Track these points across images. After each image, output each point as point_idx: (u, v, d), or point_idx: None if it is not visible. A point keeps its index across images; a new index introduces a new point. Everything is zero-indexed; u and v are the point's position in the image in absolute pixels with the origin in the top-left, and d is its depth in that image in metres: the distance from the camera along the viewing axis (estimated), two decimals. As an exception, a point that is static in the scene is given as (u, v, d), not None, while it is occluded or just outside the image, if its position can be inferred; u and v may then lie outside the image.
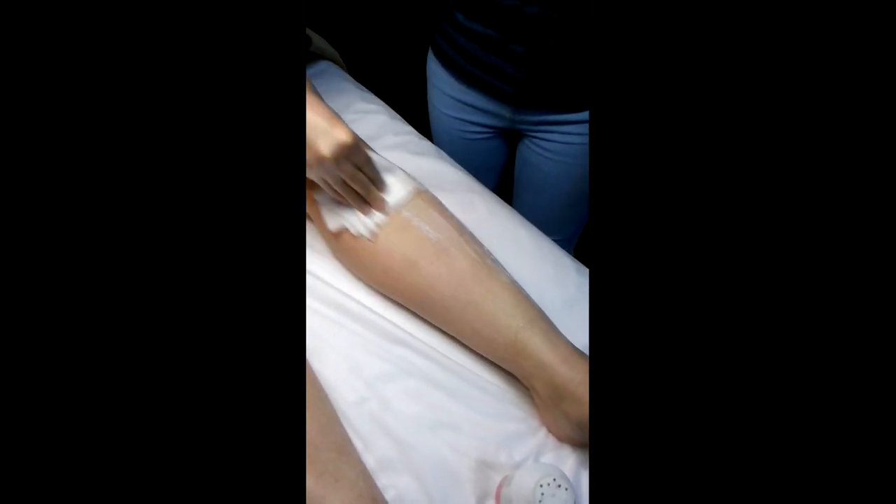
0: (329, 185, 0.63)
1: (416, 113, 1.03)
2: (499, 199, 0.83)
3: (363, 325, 0.69)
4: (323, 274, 0.72)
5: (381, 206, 0.66)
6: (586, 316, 0.71)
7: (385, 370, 0.66)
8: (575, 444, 0.63)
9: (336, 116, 0.61)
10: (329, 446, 0.57)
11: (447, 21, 0.85)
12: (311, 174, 0.62)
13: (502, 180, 1.11)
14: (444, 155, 0.88)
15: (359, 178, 0.64)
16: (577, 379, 0.58)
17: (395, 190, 0.67)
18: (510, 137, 1.00)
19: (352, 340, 0.68)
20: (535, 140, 0.93)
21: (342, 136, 0.60)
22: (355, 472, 0.57)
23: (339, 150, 0.60)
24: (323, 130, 0.59)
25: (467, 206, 0.78)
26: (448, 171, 0.84)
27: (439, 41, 0.90)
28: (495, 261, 0.67)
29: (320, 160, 0.59)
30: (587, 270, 0.76)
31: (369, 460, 0.60)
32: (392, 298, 0.70)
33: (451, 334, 0.68)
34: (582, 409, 0.58)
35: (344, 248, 0.70)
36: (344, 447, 0.59)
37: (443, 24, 0.87)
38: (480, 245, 0.68)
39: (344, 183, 0.63)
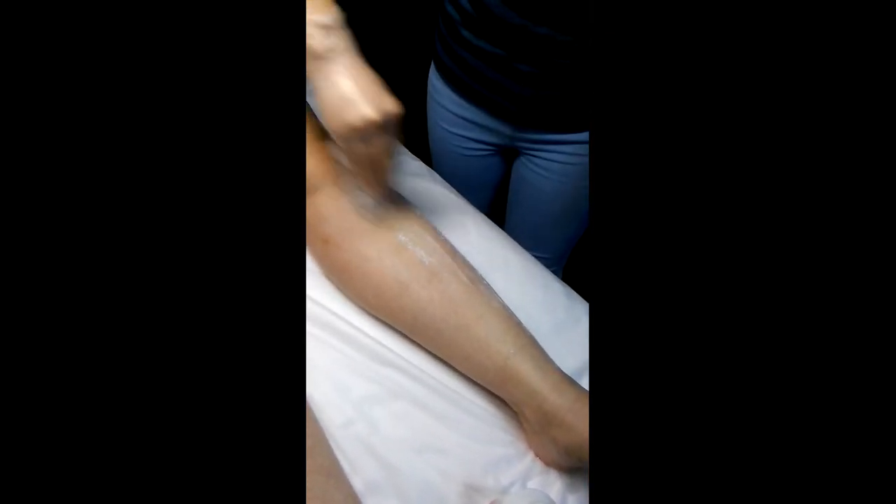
0: (355, 155, 0.58)
1: (410, 129, 1.03)
2: (490, 222, 0.84)
3: (352, 345, 0.69)
4: (312, 293, 0.72)
5: (388, 192, 0.62)
6: (575, 340, 0.72)
7: (373, 392, 0.66)
8: (562, 469, 0.63)
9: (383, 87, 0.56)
10: (317, 469, 0.57)
11: (453, 37, 0.85)
12: (342, 138, 0.56)
13: (496, 196, 1.11)
14: (437, 176, 0.88)
15: (389, 155, 0.59)
16: (566, 406, 0.59)
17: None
18: (507, 154, 1.01)
19: (340, 361, 0.68)
20: (531, 158, 0.94)
21: (394, 104, 0.55)
22: (342, 495, 0.57)
23: (388, 117, 0.55)
24: (375, 93, 0.54)
25: (459, 230, 0.78)
26: (440, 192, 0.85)
27: (443, 57, 0.89)
28: (487, 286, 0.68)
29: (368, 123, 0.54)
30: (576, 295, 0.77)
31: (356, 483, 0.60)
32: (382, 320, 0.71)
33: (441, 358, 0.68)
34: (570, 435, 0.58)
35: (335, 267, 0.70)
36: (332, 470, 0.58)
37: (448, 40, 0.86)
38: (473, 270, 0.68)
39: (367, 157, 0.58)
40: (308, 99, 0.60)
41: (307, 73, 0.53)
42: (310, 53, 0.52)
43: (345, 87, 0.53)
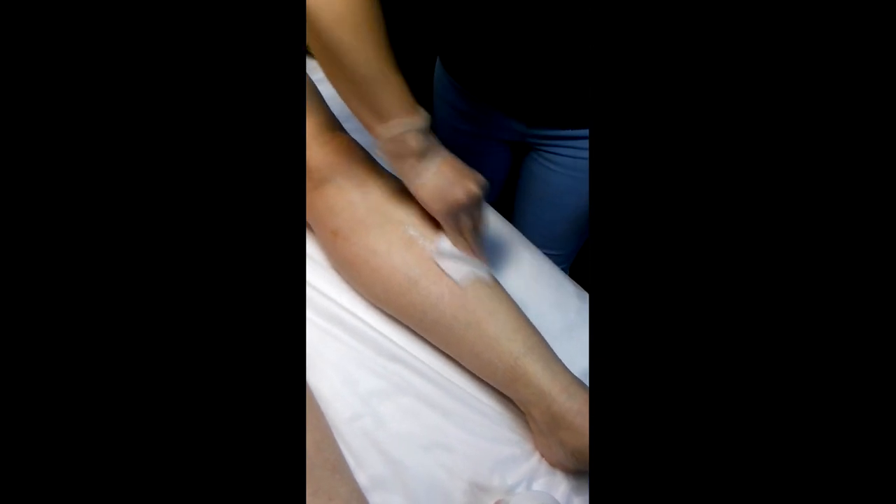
0: (460, 227, 0.66)
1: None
2: (502, 218, 0.83)
3: (359, 339, 0.69)
4: (321, 285, 0.72)
5: (482, 256, 0.69)
6: (586, 341, 0.71)
7: (380, 386, 0.66)
8: (568, 472, 0.63)
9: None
10: (323, 464, 0.57)
11: (461, 35, 0.84)
12: (451, 216, 0.64)
13: (503, 192, 1.11)
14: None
15: (478, 227, 0.68)
16: (574, 408, 0.58)
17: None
18: (517, 150, 1.00)
19: (347, 354, 0.67)
20: (543, 153, 0.93)
21: (482, 178, 0.65)
22: (348, 491, 0.57)
23: (484, 189, 0.65)
24: (470, 173, 0.64)
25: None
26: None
27: (451, 54, 0.89)
28: (498, 283, 0.67)
29: (473, 196, 0.63)
30: (588, 296, 0.76)
31: (361, 478, 0.60)
32: (390, 314, 0.70)
33: (450, 355, 0.68)
34: (578, 438, 0.58)
35: (344, 260, 0.69)
36: (338, 465, 0.58)
37: (456, 38, 0.86)
38: (484, 267, 0.68)
39: (471, 226, 0.66)
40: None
41: (401, 171, 0.63)
42: (409, 152, 0.60)
43: (450, 173, 0.62)
